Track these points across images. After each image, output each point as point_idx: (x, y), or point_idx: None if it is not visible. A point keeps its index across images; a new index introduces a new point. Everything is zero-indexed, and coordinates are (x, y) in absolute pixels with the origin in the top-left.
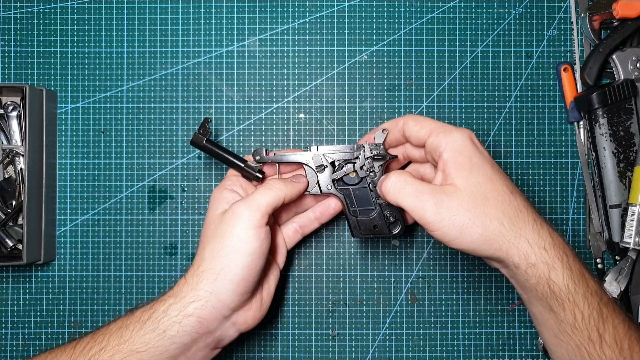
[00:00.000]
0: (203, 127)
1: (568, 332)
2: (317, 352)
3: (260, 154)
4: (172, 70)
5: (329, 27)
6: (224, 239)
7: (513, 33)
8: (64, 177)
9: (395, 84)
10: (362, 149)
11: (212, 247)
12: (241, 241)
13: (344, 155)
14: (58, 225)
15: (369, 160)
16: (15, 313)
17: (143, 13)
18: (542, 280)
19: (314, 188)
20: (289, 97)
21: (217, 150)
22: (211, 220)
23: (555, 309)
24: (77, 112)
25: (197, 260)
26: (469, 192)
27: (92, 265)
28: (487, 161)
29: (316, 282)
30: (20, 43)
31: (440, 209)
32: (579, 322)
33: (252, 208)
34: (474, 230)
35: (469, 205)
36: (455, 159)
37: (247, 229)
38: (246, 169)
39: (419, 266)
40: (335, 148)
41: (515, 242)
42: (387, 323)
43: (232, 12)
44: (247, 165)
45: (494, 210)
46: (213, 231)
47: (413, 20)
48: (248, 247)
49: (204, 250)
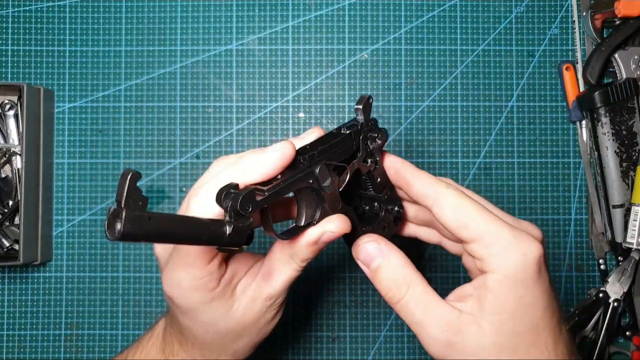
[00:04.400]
0: (132, 192)
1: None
2: (317, 354)
3: (250, 200)
4: (171, 69)
5: (329, 26)
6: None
7: (514, 32)
8: (61, 177)
9: (396, 83)
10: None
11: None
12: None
13: (345, 151)
14: (55, 226)
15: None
16: (12, 314)
17: (141, 12)
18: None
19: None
20: (289, 97)
21: (173, 229)
22: None
23: None
24: (74, 112)
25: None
26: (495, 343)
27: (89, 266)
28: (542, 296)
29: (316, 283)
30: (17, 42)
31: (450, 348)
32: None
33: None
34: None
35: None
36: (501, 293)
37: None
38: (226, 246)
39: (420, 267)
40: (334, 147)
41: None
42: (387, 325)
43: (231, 10)
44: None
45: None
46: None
47: (414, 19)
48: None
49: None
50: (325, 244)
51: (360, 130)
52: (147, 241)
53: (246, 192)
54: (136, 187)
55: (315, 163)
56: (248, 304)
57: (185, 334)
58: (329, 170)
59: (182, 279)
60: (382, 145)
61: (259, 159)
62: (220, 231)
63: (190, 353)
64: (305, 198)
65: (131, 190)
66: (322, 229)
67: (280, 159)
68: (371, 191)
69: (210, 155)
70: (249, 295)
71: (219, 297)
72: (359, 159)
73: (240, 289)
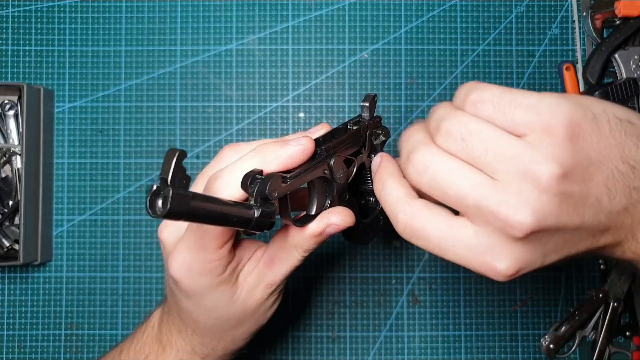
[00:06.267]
0: (178, 171)
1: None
2: (317, 354)
3: (276, 187)
4: (171, 69)
5: (329, 26)
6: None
7: (515, 32)
8: (61, 177)
9: (396, 83)
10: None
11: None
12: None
13: (354, 145)
14: (55, 226)
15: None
16: (11, 314)
17: (141, 11)
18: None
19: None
20: (289, 96)
21: (211, 209)
22: None
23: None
24: (74, 112)
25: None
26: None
27: (90, 266)
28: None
29: (315, 283)
30: (17, 41)
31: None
32: None
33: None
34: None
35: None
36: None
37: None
38: (252, 229)
39: (420, 267)
40: (346, 141)
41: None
42: (387, 325)
43: (231, 10)
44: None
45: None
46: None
47: (414, 19)
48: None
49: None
50: (329, 235)
51: (367, 126)
52: (187, 220)
53: (273, 178)
54: (182, 165)
55: (330, 155)
56: (250, 290)
57: (186, 320)
58: (341, 162)
59: (193, 261)
60: (385, 141)
61: (283, 151)
62: (249, 214)
63: (190, 340)
64: (317, 188)
65: (177, 168)
66: (327, 222)
67: (302, 153)
68: (370, 185)
69: (210, 155)
70: (250, 282)
71: (225, 283)
72: (364, 153)
73: (243, 276)
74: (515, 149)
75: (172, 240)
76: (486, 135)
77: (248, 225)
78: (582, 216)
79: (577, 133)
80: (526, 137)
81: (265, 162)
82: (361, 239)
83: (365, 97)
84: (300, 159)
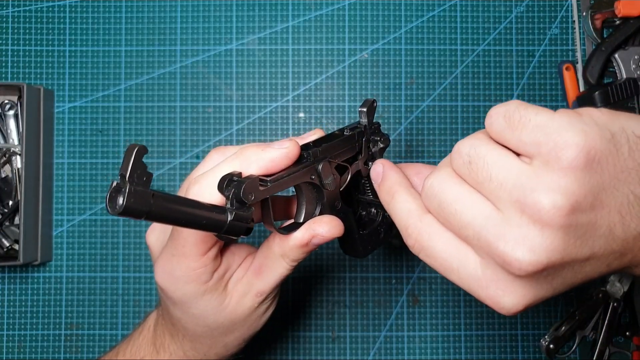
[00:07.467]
0: (137, 167)
1: None
2: (317, 354)
3: (253, 189)
4: (171, 69)
5: (329, 26)
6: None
7: (515, 32)
8: (61, 177)
9: (396, 83)
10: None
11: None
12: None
13: (348, 151)
14: (55, 226)
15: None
16: (11, 314)
17: (141, 11)
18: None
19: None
20: (289, 96)
21: (175, 209)
22: None
23: None
24: (74, 112)
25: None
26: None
27: (90, 266)
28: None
29: (315, 283)
30: (17, 41)
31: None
32: None
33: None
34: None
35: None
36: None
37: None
38: (225, 234)
39: (420, 267)
40: (338, 146)
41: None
42: (387, 325)
43: (231, 10)
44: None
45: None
46: None
47: (414, 19)
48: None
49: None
50: (316, 246)
51: (364, 132)
52: (147, 219)
53: (249, 180)
54: (141, 162)
55: (319, 159)
56: (239, 298)
57: (177, 325)
58: (331, 168)
59: (175, 269)
60: (384, 149)
61: (264, 153)
62: (221, 217)
63: (181, 345)
64: (305, 194)
65: (136, 164)
66: (312, 232)
67: (285, 157)
68: (369, 195)
69: None
70: (240, 289)
71: (212, 291)
72: (360, 160)
73: (232, 283)
74: (517, 177)
75: (159, 246)
76: (490, 159)
77: (221, 229)
78: (592, 247)
79: (591, 157)
80: (533, 161)
81: (246, 165)
82: (358, 251)
83: (363, 102)
84: (284, 163)
